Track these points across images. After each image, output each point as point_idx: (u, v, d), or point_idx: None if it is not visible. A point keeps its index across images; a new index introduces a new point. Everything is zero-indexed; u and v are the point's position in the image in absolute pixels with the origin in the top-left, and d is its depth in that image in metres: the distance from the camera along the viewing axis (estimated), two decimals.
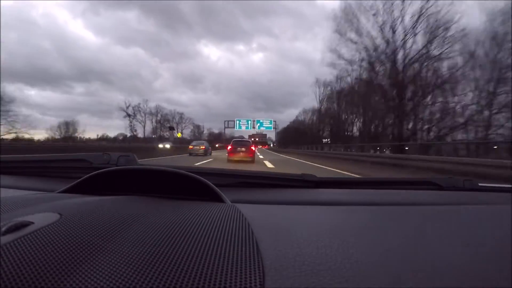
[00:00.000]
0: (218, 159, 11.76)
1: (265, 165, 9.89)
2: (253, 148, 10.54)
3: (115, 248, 0.28)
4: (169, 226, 0.35)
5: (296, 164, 11.88)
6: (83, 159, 0.91)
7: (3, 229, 0.27)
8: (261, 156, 16.56)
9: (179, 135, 41.45)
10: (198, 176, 0.56)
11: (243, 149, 10.04)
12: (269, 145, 66.10)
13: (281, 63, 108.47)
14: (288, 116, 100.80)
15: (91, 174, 0.57)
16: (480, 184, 0.93)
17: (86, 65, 63.79)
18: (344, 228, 0.48)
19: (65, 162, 0.99)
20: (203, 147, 16.73)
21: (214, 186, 0.56)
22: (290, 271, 0.29)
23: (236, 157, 9.88)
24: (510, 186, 0.94)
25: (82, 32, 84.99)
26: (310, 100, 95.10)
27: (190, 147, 17.03)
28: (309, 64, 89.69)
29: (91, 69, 67.33)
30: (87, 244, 0.28)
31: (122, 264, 0.25)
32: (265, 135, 57.95)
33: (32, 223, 0.30)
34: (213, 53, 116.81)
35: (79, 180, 0.57)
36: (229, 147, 10.44)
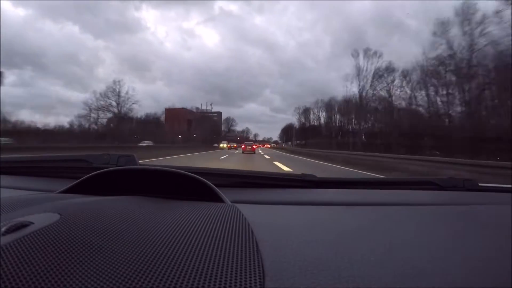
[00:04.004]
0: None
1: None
2: (255, 146, 23.39)
3: (115, 249, 0.28)
4: (169, 226, 0.35)
5: None
6: (83, 159, 0.91)
7: (3, 229, 0.27)
8: None
9: None
10: (198, 176, 0.56)
11: (250, 147, 21.65)
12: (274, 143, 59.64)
13: (239, 46, 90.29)
14: (247, 111, 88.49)
15: (91, 174, 0.57)
16: (480, 184, 0.93)
17: (12, 46, 46.49)
18: (344, 228, 0.48)
19: (65, 162, 0.99)
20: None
21: (214, 186, 0.56)
22: (290, 271, 0.29)
23: (246, 151, 20.42)
24: (510, 186, 0.94)
25: None
26: (271, 93, 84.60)
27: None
28: (271, 48, 79.88)
29: (18, 51, 49.81)
30: (87, 244, 0.28)
31: (122, 264, 0.25)
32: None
33: (32, 223, 0.30)
34: (159, 28, 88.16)
35: (79, 180, 0.57)
36: (243, 146, 22.60)
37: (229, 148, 21.50)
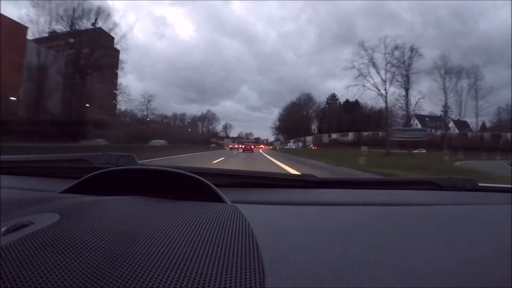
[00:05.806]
0: None
1: None
2: (252, 146, 26.10)
3: (115, 249, 0.28)
4: (169, 226, 0.35)
5: None
6: (83, 159, 0.91)
7: (3, 229, 0.27)
8: None
9: None
10: (198, 177, 0.56)
11: (248, 146, 24.30)
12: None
13: (215, 38, 77.29)
14: (222, 108, 79.43)
15: (91, 174, 0.57)
16: (480, 184, 0.93)
17: None
18: (344, 228, 0.48)
19: (65, 162, 0.99)
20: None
21: (214, 186, 0.56)
22: (290, 271, 0.29)
23: (245, 150, 22.68)
24: (510, 186, 0.94)
25: None
26: (248, 90, 77.47)
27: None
28: (250, 40, 70.58)
29: None
30: (87, 244, 0.28)
31: (122, 264, 0.25)
32: None
33: (32, 223, 0.30)
34: (128, 14, 74.89)
35: (79, 180, 0.57)
36: (242, 146, 25.91)
37: (244, 149, 21.91)
